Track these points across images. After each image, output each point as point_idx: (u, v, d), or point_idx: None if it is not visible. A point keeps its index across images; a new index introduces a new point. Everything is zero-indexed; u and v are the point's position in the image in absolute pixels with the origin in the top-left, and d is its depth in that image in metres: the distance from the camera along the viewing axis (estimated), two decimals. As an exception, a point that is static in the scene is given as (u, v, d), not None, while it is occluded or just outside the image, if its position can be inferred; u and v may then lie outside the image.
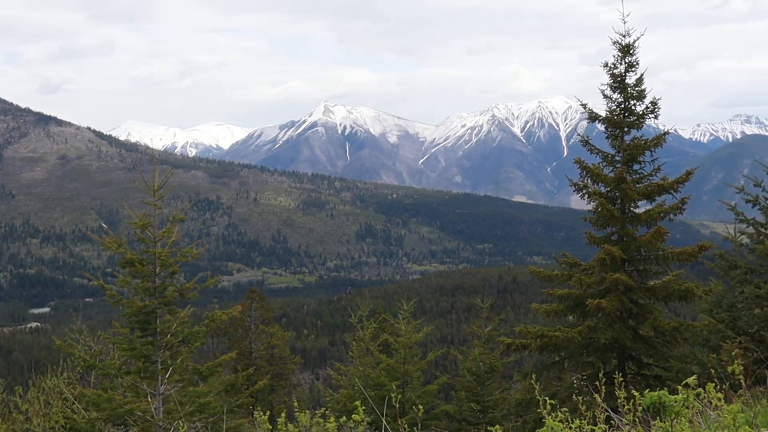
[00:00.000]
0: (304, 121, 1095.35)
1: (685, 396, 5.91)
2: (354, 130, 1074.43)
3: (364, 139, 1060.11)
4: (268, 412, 16.11)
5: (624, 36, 21.84)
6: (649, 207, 21.97)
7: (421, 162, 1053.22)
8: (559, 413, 6.21)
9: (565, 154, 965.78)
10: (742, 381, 7.62)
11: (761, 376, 11.54)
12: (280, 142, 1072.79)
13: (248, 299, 49.34)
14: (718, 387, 6.70)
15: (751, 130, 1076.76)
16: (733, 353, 9.34)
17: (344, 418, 14.76)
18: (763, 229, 17.68)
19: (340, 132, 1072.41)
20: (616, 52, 21.90)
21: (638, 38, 21.89)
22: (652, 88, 22.02)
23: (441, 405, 27.48)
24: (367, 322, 27.83)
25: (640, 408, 6.00)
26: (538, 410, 19.77)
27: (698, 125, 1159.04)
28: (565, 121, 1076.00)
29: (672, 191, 21.73)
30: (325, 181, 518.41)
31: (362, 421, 13.08)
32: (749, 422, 6.12)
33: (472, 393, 26.74)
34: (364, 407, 13.46)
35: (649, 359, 21.50)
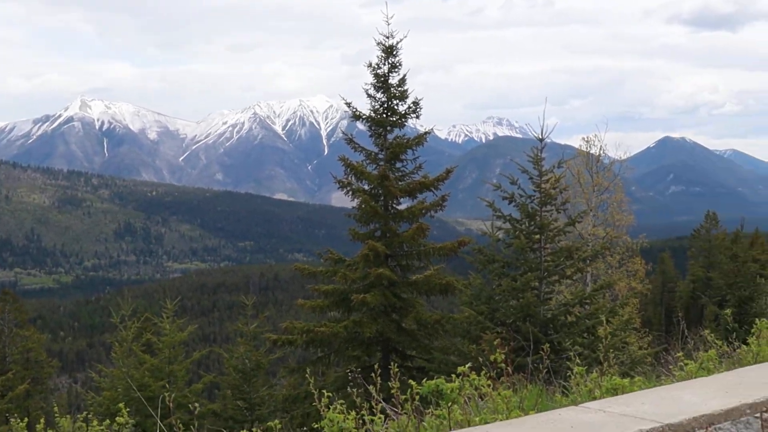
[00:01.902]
0: (60, 116, 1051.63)
1: (461, 384, 6.13)
2: (113, 126, 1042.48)
3: (123, 135, 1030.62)
4: (25, 419, 15.45)
5: (387, 37, 22.29)
6: (411, 204, 22.51)
7: (181, 159, 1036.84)
8: (338, 405, 6.30)
9: (326, 152, 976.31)
10: (505, 369, 7.98)
11: (521, 363, 12.09)
12: (34, 136, 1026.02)
13: (1, 301, 47.05)
14: (487, 375, 7.00)
15: (503, 131, 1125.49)
16: (494, 343, 9.75)
17: (108, 420, 14.38)
18: (518, 225, 18.50)
19: (97, 127, 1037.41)
20: (379, 53, 22.34)
21: (401, 40, 22.43)
22: (413, 89, 22.58)
23: (207, 404, 27.17)
24: (129, 321, 27.14)
25: (417, 397, 6.17)
26: (306, 405, 19.81)
27: (454, 126, 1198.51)
28: (325, 119, 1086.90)
29: (433, 189, 22.39)
30: (81, 177, 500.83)
31: (127, 423, 12.81)
32: (518, 406, 6.44)
33: (238, 391, 26.62)
34: (128, 409, 13.18)
35: (412, 351, 22.03)
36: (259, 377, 27.38)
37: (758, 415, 5.25)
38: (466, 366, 6.44)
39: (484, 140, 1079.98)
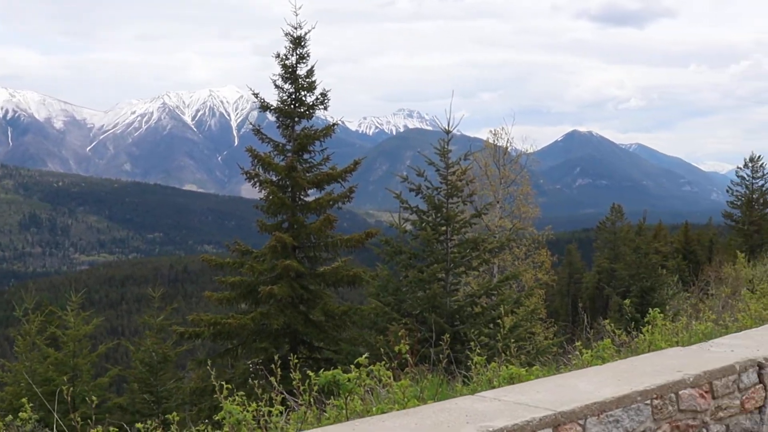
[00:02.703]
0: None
1: (357, 374, 6.17)
2: (17, 115, 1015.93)
3: (28, 124, 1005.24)
4: None
5: (296, 28, 22.27)
6: (318, 195, 22.56)
7: (89, 149, 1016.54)
8: (237, 397, 6.29)
9: (236, 143, 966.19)
10: (408, 359, 8.06)
11: (425, 354, 12.20)
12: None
13: None
14: (388, 366, 7.06)
15: (413, 123, 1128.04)
16: (399, 334, 9.82)
17: (10, 416, 14.12)
18: (425, 216, 18.62)
19: (1, 116, 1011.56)
20: (288, 44, 22.29)
21: (309, 31, 22.43)
22: (322, 81, 22.59)
23: (113, 398, 26.80)
24: (33, 315, 26.62)
25: (316, 388, 6.20)
26: (213, 397, 19.78)
27: (364, 118, 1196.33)
28: (236, 110, 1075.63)
29: (340, 180, 22.50)
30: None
31: (30, 418, 12.59)
32: (417, 396, 6.51)
33: (145, 384, 26.25)
34: (32, 404, 12.95)
35: (320, 343, 22.09)
36: (166, 370, 27.07)
37: (648, 402, 5.40)
38: (364, 357, 6.49)
39: (394, 132, 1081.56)
